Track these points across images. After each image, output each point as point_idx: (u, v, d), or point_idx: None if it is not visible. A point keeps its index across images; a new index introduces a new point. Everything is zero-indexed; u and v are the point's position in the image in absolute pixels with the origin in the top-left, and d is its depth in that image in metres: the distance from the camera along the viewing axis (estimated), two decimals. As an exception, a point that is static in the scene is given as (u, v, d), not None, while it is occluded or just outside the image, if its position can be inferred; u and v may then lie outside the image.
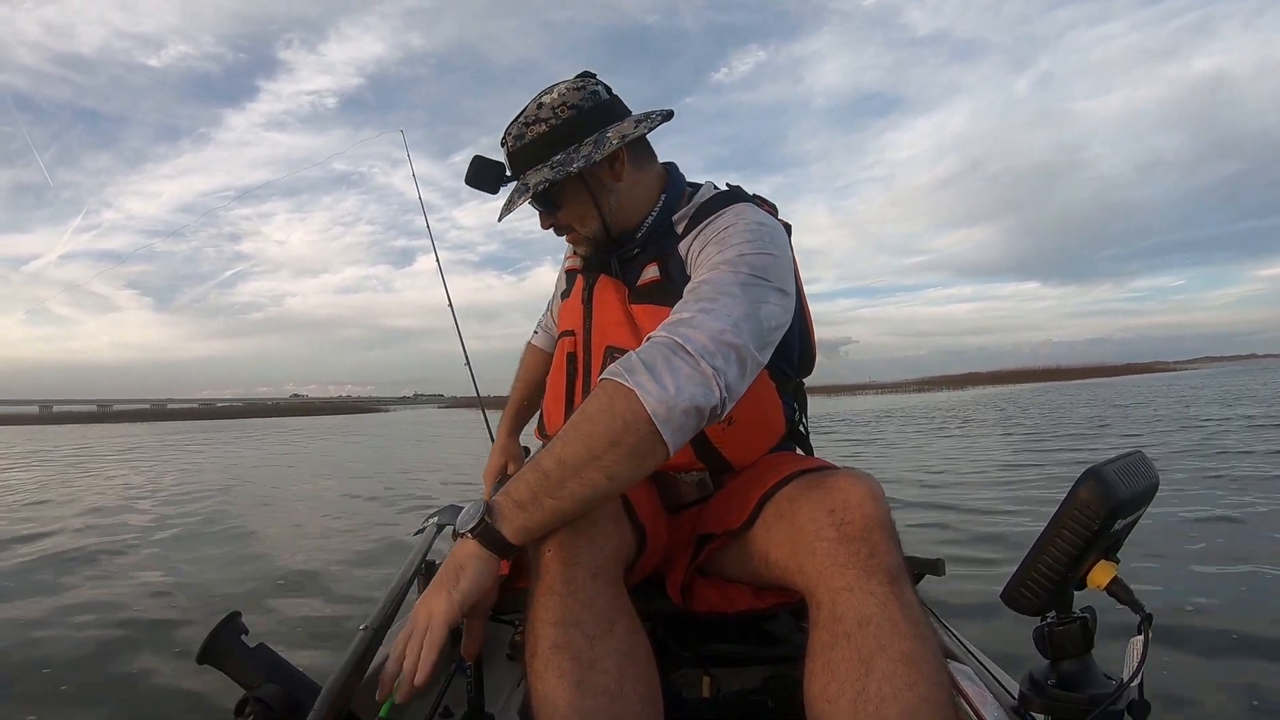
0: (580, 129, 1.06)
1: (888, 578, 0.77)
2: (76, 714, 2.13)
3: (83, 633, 2.80)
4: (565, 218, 1.13)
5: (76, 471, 9.78)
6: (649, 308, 1.08)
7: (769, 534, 0.91)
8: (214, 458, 12.15)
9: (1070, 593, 0.85)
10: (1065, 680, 0.84)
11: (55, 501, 6.71)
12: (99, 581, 3.62)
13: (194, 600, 3.29)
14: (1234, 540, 3.68)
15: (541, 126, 1.06)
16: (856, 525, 0.80)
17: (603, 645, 0.80)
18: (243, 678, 0.89)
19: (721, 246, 1.01)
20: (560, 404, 1.18)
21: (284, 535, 4.88)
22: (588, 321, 1.15)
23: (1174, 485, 5.17)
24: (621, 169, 1.10)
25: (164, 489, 7.48)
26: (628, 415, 0.79)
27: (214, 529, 5.10)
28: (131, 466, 9.82)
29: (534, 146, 1.07)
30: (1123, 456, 0.86)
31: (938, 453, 9.08)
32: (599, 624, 0.81)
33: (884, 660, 0.72)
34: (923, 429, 13.42)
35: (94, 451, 13.64)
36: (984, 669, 1.20)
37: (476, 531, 0.82)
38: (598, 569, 0.85)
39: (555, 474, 0.80)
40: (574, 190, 1.10)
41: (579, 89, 1.09)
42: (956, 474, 6.86)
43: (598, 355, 1.11)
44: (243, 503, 6.52)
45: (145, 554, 4.25)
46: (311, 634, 2.81)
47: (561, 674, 0.77)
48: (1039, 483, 6.01)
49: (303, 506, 6.31)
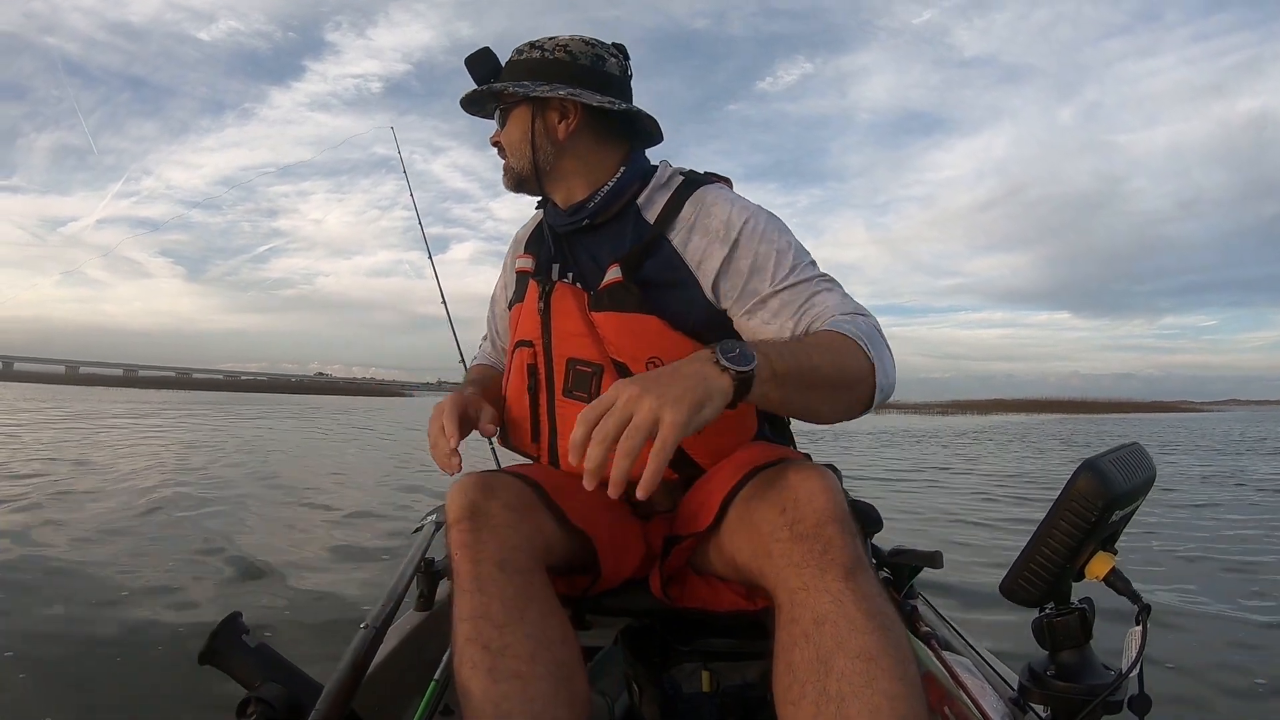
0: (560, 73, 1.08)
1: (842, 573, 0.76)
2: (71, 715, 2.12)
3: (75, 629, 2.79)
4: (504, 138, 1.14)
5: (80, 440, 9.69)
6: (611, 315, 1.04)
7: (733, 539, 0.91)
8: (219, 437, 11.99)
9: (1069, 584, 0.86)
10: (1064, 671, 0.84)
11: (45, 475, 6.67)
12: (93, 575, 3.59)
13: (192, 598, 3.28)
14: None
15: (536, 54, 1.10)
16: (808, 523, 0.79)
17: (513, 632, 0.82)
18: (244, 677, 0.89)
19: (772, 244, 1.03)
20: (527, 418, 1.12)
21: (282, 531, 4.87)
22: (546, 332, 1.09)
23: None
24: (569, 127, 1.10)
25: (155, 477, 7.43)
26: (864, 380, 0.89)
27: (206, 521, 5.08)
28: (132, 452, 9.72)
29: (522, 65, 1.11)
30: (1120, 448, 0.86)
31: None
32: (509, 613, 0.83)
33: (842, 658, 0.71)
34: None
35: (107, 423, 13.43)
36: (983, 661, 1.21)
37: (744, 374, 0.77)
38: (503, 560, 0.87)
39: (809, 377, 0.84)
40: (520, 117, 1.11)
41: (588, 46, 1.11)
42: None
43: (559, 368, 1.07)
44: (243, 489, 6.50)
45: (141, 547, 4.23)
46: (310, 632, 2.81)
47: (474, 664, 0.80)
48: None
49: (302, 498, 6.29)
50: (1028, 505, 5.70)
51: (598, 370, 1.03)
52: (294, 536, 4.76)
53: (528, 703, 0.79)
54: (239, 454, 9.77)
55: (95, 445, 10.02)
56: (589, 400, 0.95)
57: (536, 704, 0.79)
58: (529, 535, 0.92)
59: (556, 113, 1.10)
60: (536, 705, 0.79)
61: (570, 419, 0.94)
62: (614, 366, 1.02)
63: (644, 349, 1.01)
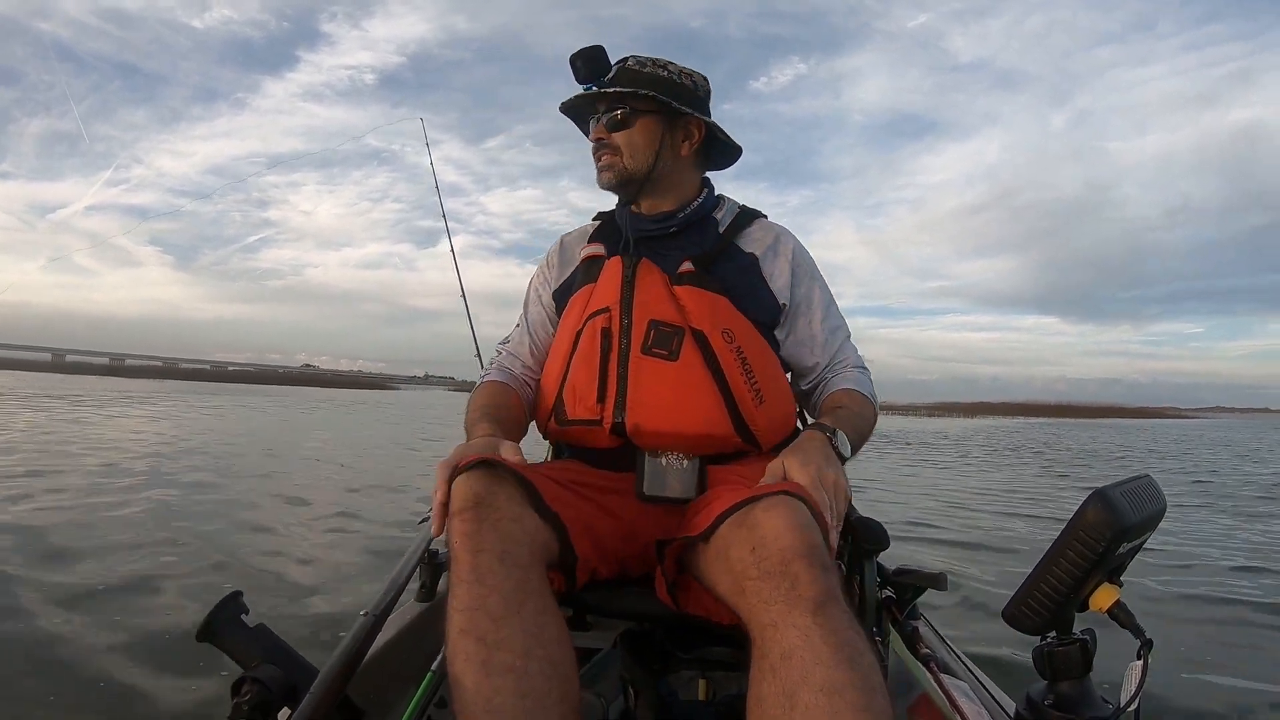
0: (689, 96, 1.22)
1: (810, 608, 0.76)
2: (67, 695, 2.13)
3: (73, 608, 2.80)
4: (623, 139, 1.21)
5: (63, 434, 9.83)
6: (692, 289, 1.17)
7: (712, 573, 0.91)
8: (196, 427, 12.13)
9: (1071, 614, 0.85)
10: (1062, 701, 0.83)
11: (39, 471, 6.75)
12: (91, 554, 3.61)
13: (190, 578, 3.30)
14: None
15: (663, 71, 1.21)
16: (774, 560, 0.80)
17: (509, 626, 0.82)
18: (241, 657, 0.90)
19: (820, 282, 1.29)
20: (594, 379, 1.15)
21: (286, 520, 4.91)
22: (628, 298, 1.17)
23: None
24: (689, 147, 1.24)
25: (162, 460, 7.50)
26: (872, 423, 1.21)
27: (210, 508, 5.11)
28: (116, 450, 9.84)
29: (646, 78, 1.20)
30: (1131, 480, 0.85)
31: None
32: (506, 606, 0.84)
33: (806, 692, 0.71)
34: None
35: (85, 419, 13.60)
36: (981, 685, 1.20)
37: (849, 455, 1.06)
38: (504, 553, 0.87)
39: (859, 440, 1.13)
40: (649, 126, 1.21)
41: (704, 79, 1.26)
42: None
43: (639, 327, 1.15)
44: (244, 480, 6.56)
45: (140, 529, 4.27)
46: (311, 617, 2.83)
47: (468, 657, 0.81)
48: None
49: (308, 489, 6.33)
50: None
51: (678, 332, 1.14)
52: (296, 523, 4.79)
53: (520, 698, 0.79)
54: (238, 443, 9.84)
55: (101, 431, 10.13)
56: (669, 358, 1.12)
57: (529, 700, 0.79)
58: (530, 531, 0.92)
59: (683, 131, 1.24)
60: (529, 701, 0.79)
61: (645, 376, 1.12)
62: (692, 334, 1.13)
63: (720, 322, 1.14)
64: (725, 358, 1.12)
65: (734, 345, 1.13)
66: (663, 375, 1.12)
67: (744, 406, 1.12)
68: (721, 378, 1.12)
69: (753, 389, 1.13)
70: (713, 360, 1.12)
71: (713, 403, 1.11)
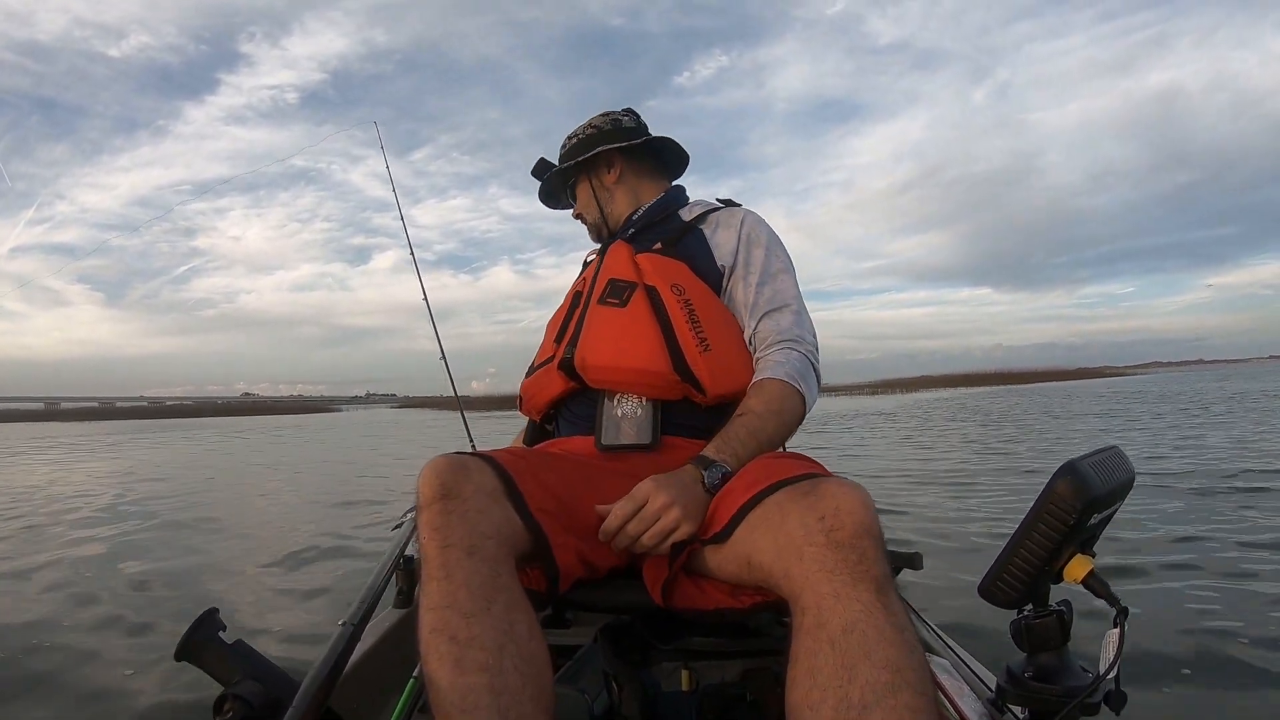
0: (593, 142, 1.45)
1: (875, 586, 0.77)
2: (47, 715, 2.09)
3: (54, 630, 2.75)
4: (580, 205, 1.51)
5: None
6: (650, 255, 1.32)
7: (752, 538, 0.91)
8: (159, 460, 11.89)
9: (1047, 586, 0.86)
10: (1042, 673, 0.85)
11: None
12: (69, 577, 3.56)
13: (167, 597, 3.24)
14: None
15: (574, 140, 1.48)
16: (847, 532, 0.80)
17: (480, 623, 0.82)
18: (221, 674, 0.88)
19: (769, 251, 1.33)
20: (558, 325, 1.37)
21: (255, 533, 4.83)
22: (599, 269, 1.36)
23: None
24: (616, 173, 1.46)
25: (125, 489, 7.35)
26: (797, 410, 1.20)
27: (182, 527, 5.02)
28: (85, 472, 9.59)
29: (565, 154, 1.49)
30: (1099, 451, 0.87)
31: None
32: (476, 602, 0.83)
33: (868, 667, 0.72)
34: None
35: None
36: (961, 662, 1.22)
37: (718, 486, 1.05)
38: (473, 548, 0.86)
39: (763, 446, 1.13)
40: (583, 187, 1.49)
41: (605, 116, 1.48)
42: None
43: (600, 285, 1.32)
44: (212, 501, 6.44)
45: (115, 550, 4.19)
46: (289, 629, 2.78)
47: (441, 656, 0.80)
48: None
49: (272, 504, 6.23)
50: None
51: (631, 286, 1.28)
52: (267, 536, 4.72)
53: (495, 695, 0.78)
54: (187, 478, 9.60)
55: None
56: (619, 305, 1.27)
57: (503, 697, 0.79)
58: (499, 523, 0.91)
59: (604, 168, 1.47)
60: (504, 699, 0.79)
61: (596, 320, 1.28)
62: (645, 289, 1.27)
63: (670, 279, 1.28)
64: (673, 308, 1.24)
65: (683, 298, 1.25)
66: (611, 319, 1.27)
67: (688, 351, 1.21)
68: (667, 323, 1.23)
69: (698, 336, 1.22)
70: (661, 309, 1.24)
71: (655, 344, 1.21)
